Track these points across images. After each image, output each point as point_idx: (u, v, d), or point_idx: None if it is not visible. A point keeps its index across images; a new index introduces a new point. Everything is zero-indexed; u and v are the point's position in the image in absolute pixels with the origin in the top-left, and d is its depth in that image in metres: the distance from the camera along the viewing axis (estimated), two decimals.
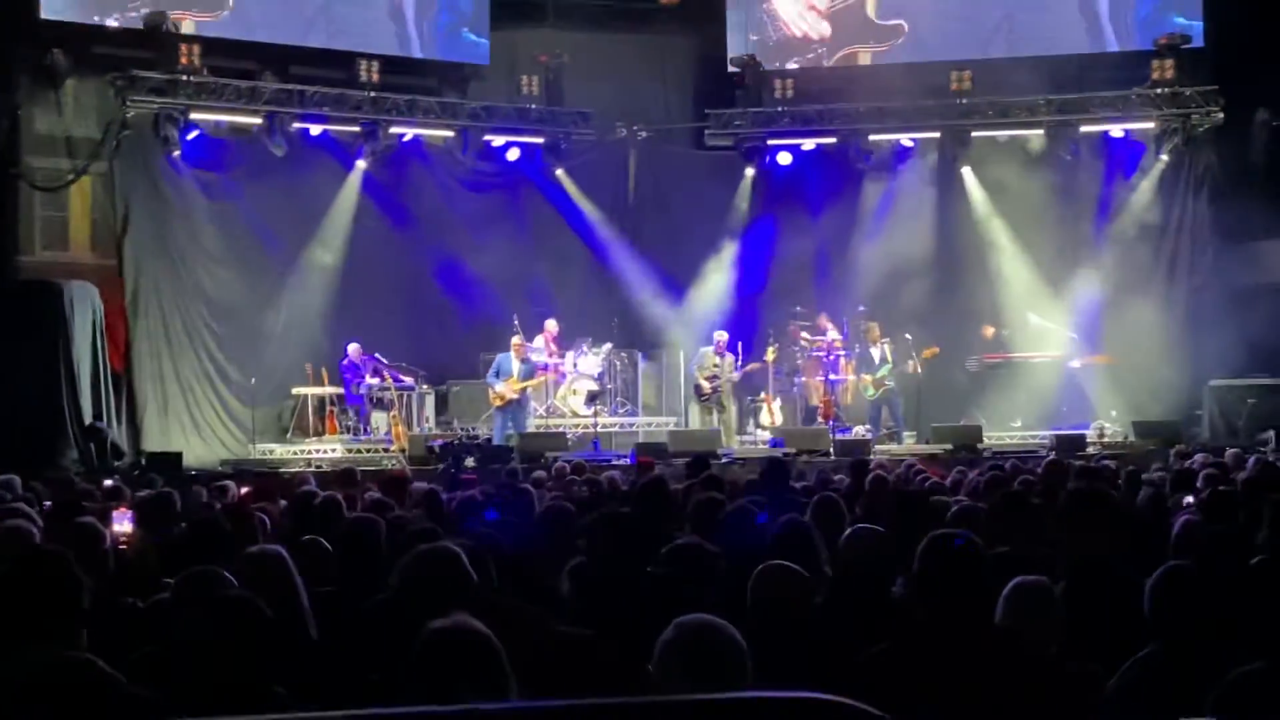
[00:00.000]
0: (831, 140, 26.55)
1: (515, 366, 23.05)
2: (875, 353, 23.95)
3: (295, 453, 23.14)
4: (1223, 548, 7.09)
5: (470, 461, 19.86)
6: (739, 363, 24.20)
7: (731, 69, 27.28)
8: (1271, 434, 21.37)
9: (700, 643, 4.11)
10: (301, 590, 6.36)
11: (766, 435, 24.23)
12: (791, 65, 27.54)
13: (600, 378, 24.85)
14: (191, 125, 23.58)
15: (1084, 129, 25.72)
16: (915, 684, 4.66)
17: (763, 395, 24.76)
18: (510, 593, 6.29)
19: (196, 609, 5.03)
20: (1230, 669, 4.32)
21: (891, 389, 23.88)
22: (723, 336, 24.23)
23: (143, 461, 21.22)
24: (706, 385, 23.89)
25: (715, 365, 23.88)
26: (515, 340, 23.27)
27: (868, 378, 23.93)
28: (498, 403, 23.05)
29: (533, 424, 23.62)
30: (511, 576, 6.66)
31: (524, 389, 23.17)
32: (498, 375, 23.05)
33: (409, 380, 24.29)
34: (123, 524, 8.69)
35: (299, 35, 25.29)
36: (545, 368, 24.19)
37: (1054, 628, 5.58)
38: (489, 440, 22.20)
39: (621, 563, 6.36)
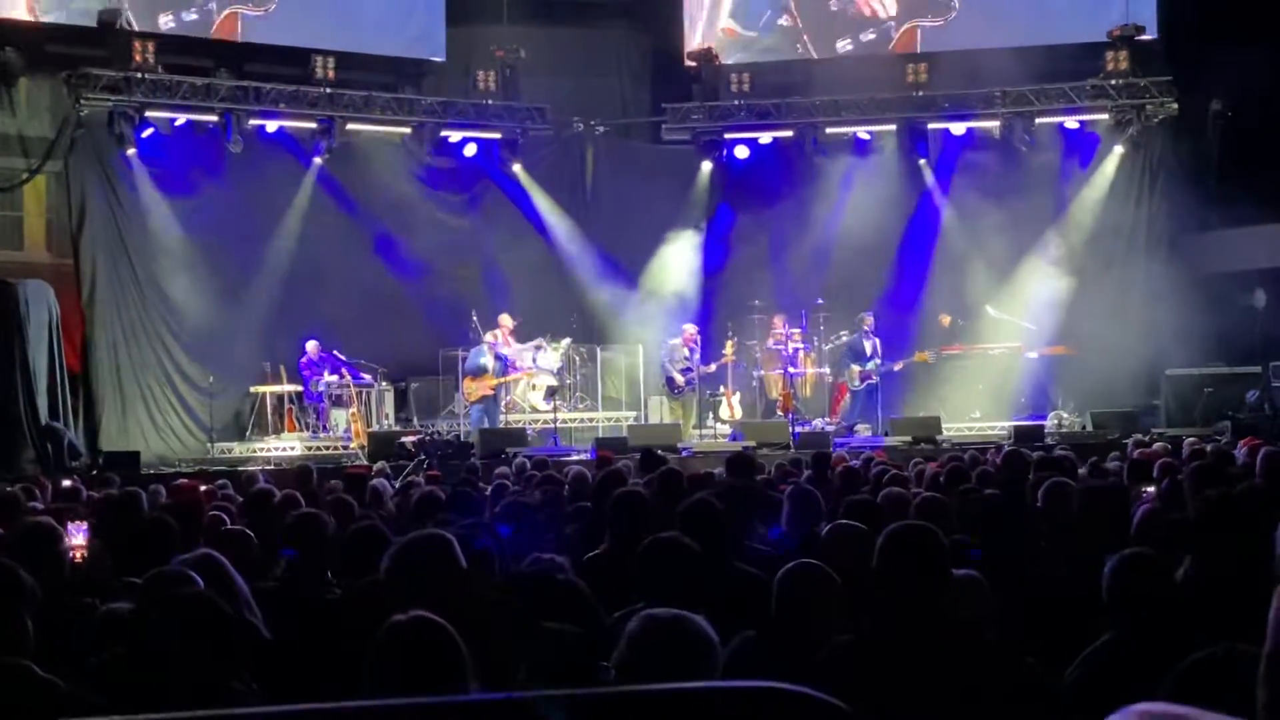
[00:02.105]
0: (788, 134, 26.56)
1: (490, 363, 23.13)
2: (867, 345, 24.01)
3: (254, 451, 23.07)
4: (1182, 535, 7.13)
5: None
6: (700, 357, 24.31)
7: (688, 63, 27.28)
8: (1228, 423, 21.50)
9: (671, 635, 4.12)
10: (242, 588, 6.36)
11: (726, 429, 24.26)
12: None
13: (559, 373, 24.84)
14: (146, 123, 23.48)
15: (1039, 120, 25.86)
16: (878, 675, 4.67)
17: (722, 389, 24.79)
18: None
19: (156, 609, 5.01)
20: (1189, 654, 4.35)
21: (875, 383, 23.97)
22: (690, 329, 24.29)
23: (100, 461, 21.09)
24: (680, 378, 23.96)
25: (686, 359, 23.96)
26: (488, 337, 23.44)
27: (855, 368, 24.00)
28: (474, 398, 23.13)
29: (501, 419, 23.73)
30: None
31: (500, 384, 23.31)
32: (478, 371, 23.12)
33: (368, 377, 24.23)
34: (77, 537, 8.51)
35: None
36: (508, 362, 24.18)
37: (987, 620, 5.64)
38: (455, 436, 22.25)
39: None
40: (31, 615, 4.83)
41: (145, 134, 23.52)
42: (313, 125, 24.94)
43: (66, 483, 14.87)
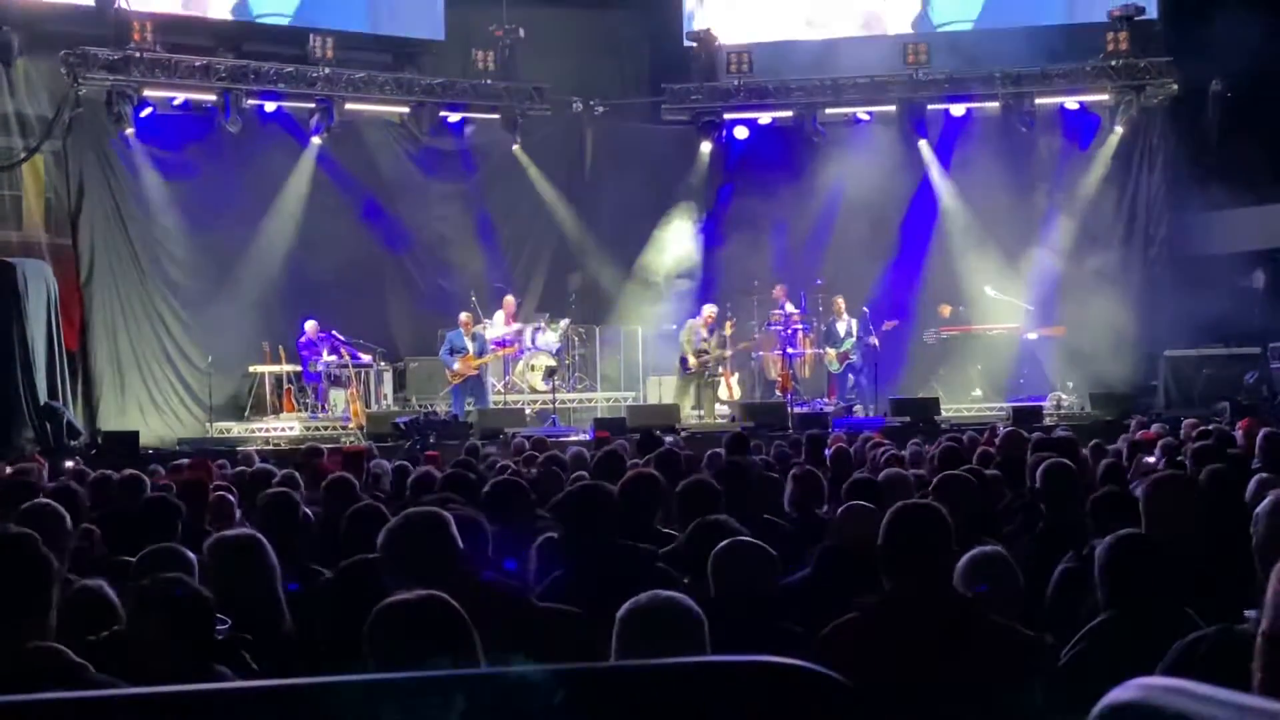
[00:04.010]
0: (788, 114, 26.50)
1: (467, 343, 23.08)
2: (840, 326, 24.02)
3: (253, 431, 23.05)
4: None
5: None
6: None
7: (687, 43, 27.21)
8: (1226, 404, 21.49)
9: (659, 615, 4.11)
10: (278, 575, 6.25)
11: (725, 410, 24.22)
12: None
13: (558, 353, 24.82)
14: (145, 102, 23.40)
15: (1039, 101, 25.79)
16: (883, 651, 4.67)
17: (720, 370, 24.77)
18: None
19: (129, 593, 4.99)
20: (1184, 635, 4.34)
21: (854, 363, 23.99)
22: (712, 310, 24.21)
23: (99, 441, 21.09)
24: (694, 360, 23.90)
25: (704, 340, 23.90)
26: (463, 317, 23.31)
27: (831, 351, 24.03)
28: (456, 380, 23.10)
29: (492, 399, 23.67)
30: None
31: (482, 364, 23.26)
32: (452, 353, 23.09)
33: (366, 357, 24.19)
34: None
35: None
36: (504, 342, 24.16)
37: (1013, 596, 5.63)
38: (454, 416, 22.23)
39: None
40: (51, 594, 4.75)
41: (144, 114, 23.44)
42: (311, 105, 24.88)
43: (69, 464, 14.89)
